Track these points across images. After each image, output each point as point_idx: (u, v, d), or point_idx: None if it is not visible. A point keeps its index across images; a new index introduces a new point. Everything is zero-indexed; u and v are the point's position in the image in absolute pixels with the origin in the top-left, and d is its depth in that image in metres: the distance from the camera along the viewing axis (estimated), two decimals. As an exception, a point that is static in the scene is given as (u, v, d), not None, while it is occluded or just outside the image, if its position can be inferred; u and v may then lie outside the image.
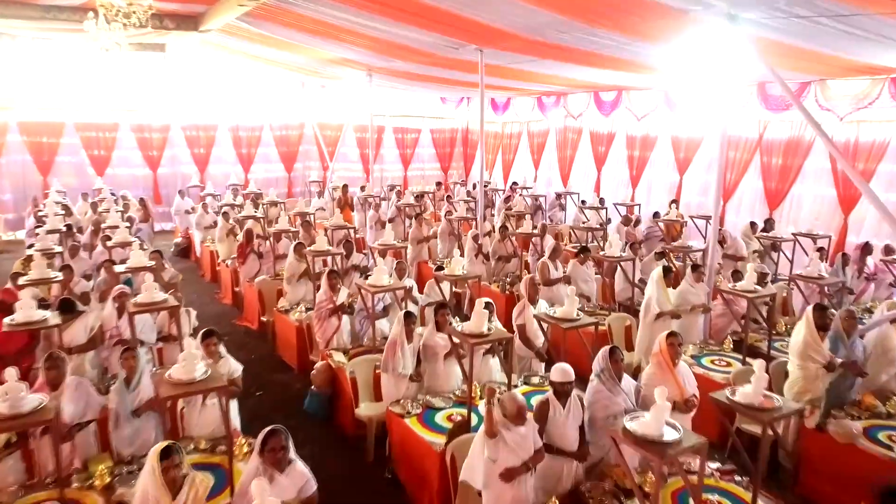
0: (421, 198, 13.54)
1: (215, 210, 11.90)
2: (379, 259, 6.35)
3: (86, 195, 12.69)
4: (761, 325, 6.91)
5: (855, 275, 8.04)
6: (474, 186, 14.22)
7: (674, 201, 11.70)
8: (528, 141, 17.19)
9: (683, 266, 8.79)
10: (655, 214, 11.42)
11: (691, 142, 12.49)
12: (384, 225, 11.69)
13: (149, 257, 7.42)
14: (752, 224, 9.76)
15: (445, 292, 7.08)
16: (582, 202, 13.31)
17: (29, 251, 7.44)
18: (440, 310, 5.43)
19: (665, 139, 13.08)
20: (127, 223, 9.42)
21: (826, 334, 5.03)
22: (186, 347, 3.75)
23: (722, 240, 8.71)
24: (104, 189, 13.19)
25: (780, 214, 10.74)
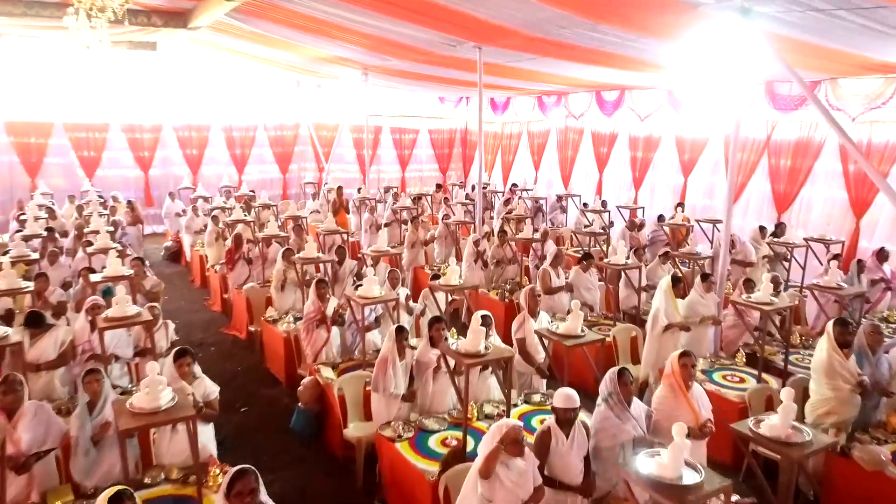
0: (418, 200, 13.18)
1: (205, 213, 11.53)
2: (369, 269, 5.95)
3: (72, 197, 12.31)
4: (774, 337, 6.57)
5: (870, 283, 7.66)
6: (473, 188, 13.87)
7: (680, 204, 11.33)
8: (529, 142, 16.83)
9: (691, 273, 8.43)
10: (660, 218, 11.05)
11: (696, 142, 12.13)
12: (380, 228, 11.35)
13: (130, 264, 7.08)
14: (762, 228, 9.37)
15: (441, 302, 6.71)
16: (584, 205, 12.96)
17: (2, 258, 7.05)
18: (435, 324, 5.06)
19: (669, 140, 12.72)
20: (111, 227, 9.06)
21: (850, 351, 4.66)
22: (150, 371, 3.39)
23: (730, 244, 8.34)
24: (90, 191, 12.81)
25: (789, 218, 10.37)
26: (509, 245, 9.16)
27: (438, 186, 16.32)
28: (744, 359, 6.14)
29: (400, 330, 4.99)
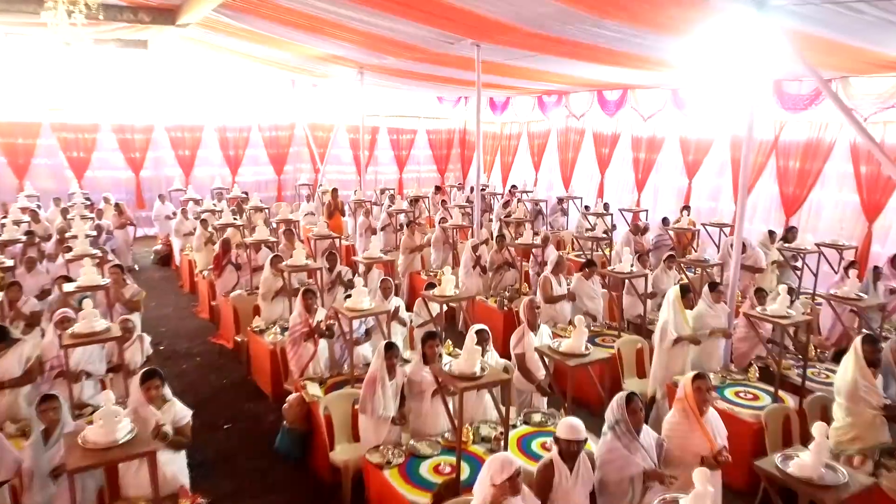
0: (415, 202, 12.82)
1: (195, 216, 11.16)
2: (359, 279, 5.58)
3: (58, 200, 11.93)
4: (788, 350, 6.20)
5: (888, 291, 7.30)
6: (472, 190, 13.51)
7: (686, 207, 10.97)
8: (528, 142, 16.46)
9: (699, 280, 8.08)
10: (665, 221, 10.68)
11: (701, 143, 11.77)
12: (375, 232, 10.99)
13: (108, 272, 6.72)
14: (771, 233, 8.99)
15: (436, 313, 6.33)
16: (585, 207, 12.59)
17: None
18: (428, 341, 4.70)
19: (673, 141, 12.35)
20: (94, 231, 8.70)
21: (878, 370, 4.31)
22: (105, 401, 3.03)
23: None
24: (76, 194, 12.45)
25: (798, 222, 10.01)
26: (508, 251, 8.80)
27: (437, 188, 15.97)
28: (757, 373, 5.77)
29: (389, 347, 4.61)
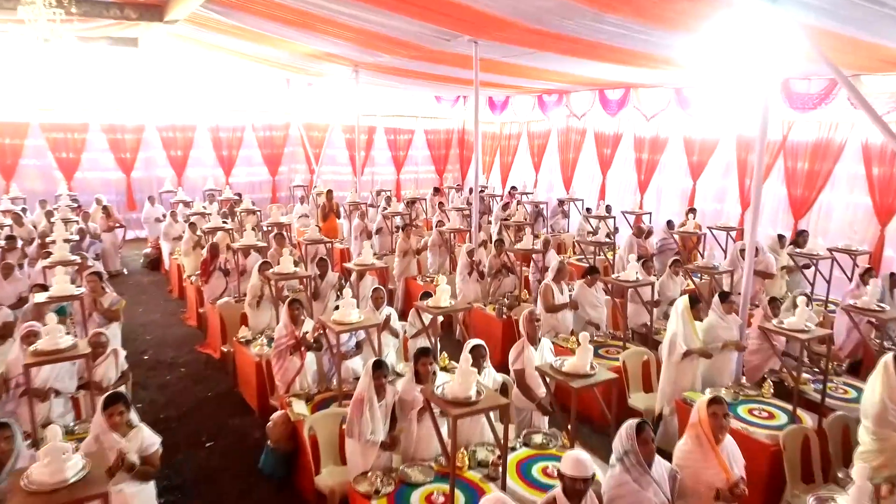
0: (412, 205, 12.48)
1: (185, 218, 10.82)
2: (347, 289, 5.23)
3: (44, 202, 11.58)
4: (802, 362, 5.87)
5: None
6: (471, 191, 13.17)
7: (692, 210, 10.64)
8: (528, 143, 16.14)
9: (708, 287, 7.75)
10: (669, 224, 10.35)
11: (706, 144, 11.44)
12: (370, 235, 10.67)
13: (86, 279, 6.39)
14: (780, 237, 8.67)
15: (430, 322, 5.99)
16: (587, 210, 12.26)
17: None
18: (421, 358, 4.37)
19: (677, 141, 12.03)
20: (76, 236, 8.36)
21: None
22: (52, 437, 2.69)
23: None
24: (63, 196, 12.11)
25: (807, 225, 9.68)
26: (507, 255, 8.46)
27: (436, 190, 15.64)
28: (771, 389, 5.43)
29: (378, 365, 4.27)
